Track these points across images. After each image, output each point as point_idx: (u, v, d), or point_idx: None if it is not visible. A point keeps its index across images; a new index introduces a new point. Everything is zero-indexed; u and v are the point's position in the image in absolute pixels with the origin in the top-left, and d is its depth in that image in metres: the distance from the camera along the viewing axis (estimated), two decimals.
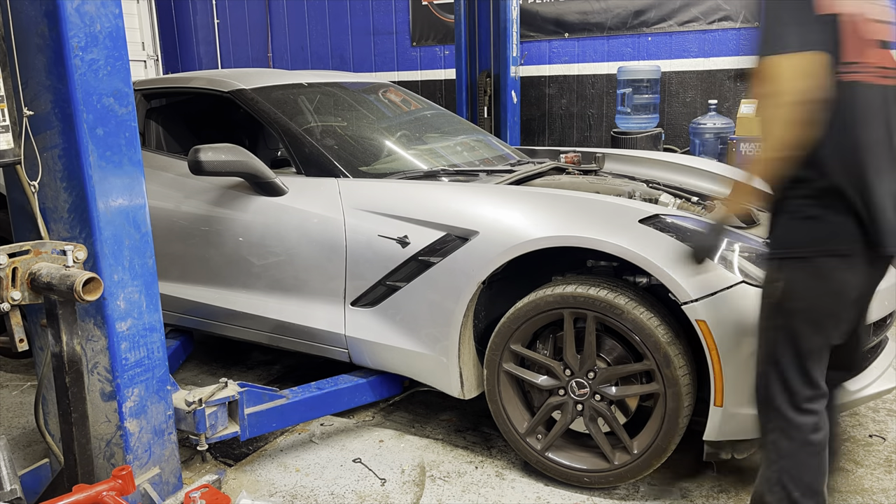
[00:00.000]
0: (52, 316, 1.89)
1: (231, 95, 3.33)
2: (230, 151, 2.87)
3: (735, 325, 2.18)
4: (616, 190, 2.90)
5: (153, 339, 2.20)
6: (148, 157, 3.33)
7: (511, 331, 2.52)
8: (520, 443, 2.59)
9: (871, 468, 2.62)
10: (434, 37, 7.11)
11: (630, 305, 2.31)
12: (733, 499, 2.47)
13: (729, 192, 1.95)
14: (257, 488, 2.61)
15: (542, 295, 2.45)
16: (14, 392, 3.47)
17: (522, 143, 6.46)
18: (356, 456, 2.80)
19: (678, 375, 2.27)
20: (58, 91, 1.93)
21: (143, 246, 2.14)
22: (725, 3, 5.78)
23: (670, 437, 2.33)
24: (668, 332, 2.29)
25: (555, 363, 2.49)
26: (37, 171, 2.00)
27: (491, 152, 3.64)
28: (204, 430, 2.41)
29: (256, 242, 3.00)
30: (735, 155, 5.22)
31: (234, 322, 3.17)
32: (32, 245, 1.88)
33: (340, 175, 2.96)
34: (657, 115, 5.84)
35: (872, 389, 2.45)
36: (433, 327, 2.65)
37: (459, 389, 2.67)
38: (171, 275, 3.27)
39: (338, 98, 3.67)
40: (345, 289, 2.83)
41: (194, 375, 3.64)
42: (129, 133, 2.07)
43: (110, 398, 2.12)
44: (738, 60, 5.82)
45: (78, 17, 1.91)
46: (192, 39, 8.57)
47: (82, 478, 1.98)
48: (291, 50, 7.96)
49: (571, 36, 6.45)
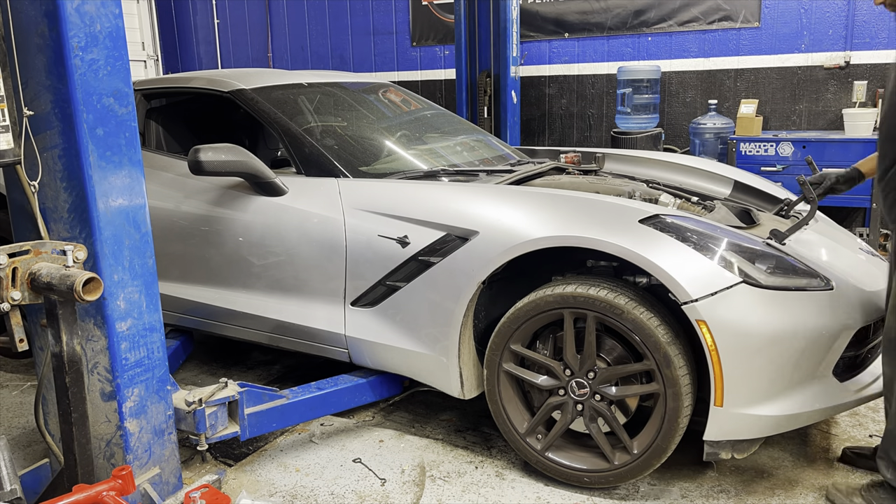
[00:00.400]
0: (52, 316, 1.89)
1: (231, 95, 3.33)
2: (230, 151, 2.87)
3: (735, 324, 2.18)
4: (616, 190, 2.90)
5: (153, 339, 2.20)
6: (148, 157, 3.33)
7: (511, 331, 2.52)
8: (520, 443, 2.59)
9: (871, 468, 2.61)
10: (434, 37, 7.11)
11: (630, 305, 2.31)
12: (733, 499, 2.47)
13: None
14: (257, 488, 2.61)
15: (542, 295, 2.45)
16: (14, 392, 3.47)
17: (522, 143, 6.46)
18: (356, 456, 2.80)
19: (678, 375, 2.27)
20: (58, 91, 1.93)
21: (143, 246, 2.14)
22: (725, 3, 5.78)
23: (670, 438, 2.33)
24: (669, 332, 2.29)
25: (555, 363, 2.49)
26: (37, 171, 2.00)
27: (491, 152, 3.64)
28: (204, 430, 2.41)
29: (256, 242, 3.00)
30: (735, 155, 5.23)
31: (234, 322, 3.17)
32: (32, 245, 1.88)
33: (340, 175, 2.96)
34: (657, 115, 5.84)
35: (872, 389, 2.45)
36: (433, 327, 2.65)
37: (459, 389, 2.67)
38: (171, 275, 3.27)
39: (338, 98, 3.67)
40: (345, 289, 2.83)
41: (194, 375, 3.64)
42: (129, 133, 2.07)
43: (110, 398, 2.12)
44: (738, 60, 5.83)
45: (78, 17, 1.91)
46: (192, 39, 8.57)
47: (82, 478, 1.98)
48: (291, 50, 7.96)
49: (571, 36, 6.45)
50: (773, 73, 5.73)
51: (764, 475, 2.60)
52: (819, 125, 5.64)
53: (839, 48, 5.48)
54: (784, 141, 5.11)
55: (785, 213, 3.03)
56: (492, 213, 2.56)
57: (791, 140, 5.09)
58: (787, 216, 3.02)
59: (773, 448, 2.77)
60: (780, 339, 2.21)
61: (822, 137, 5.08)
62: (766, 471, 2.63)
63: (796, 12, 5.58)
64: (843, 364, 2.43)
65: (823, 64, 5.54)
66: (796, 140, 5.08)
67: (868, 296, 2.43)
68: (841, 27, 5.45)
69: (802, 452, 2.75)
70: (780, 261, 2.36)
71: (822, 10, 5.50)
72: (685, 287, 2.20)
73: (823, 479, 2.56)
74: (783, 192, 3.34)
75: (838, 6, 5.44)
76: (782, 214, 3.02)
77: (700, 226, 2.41)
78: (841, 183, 2.66)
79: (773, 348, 2.21)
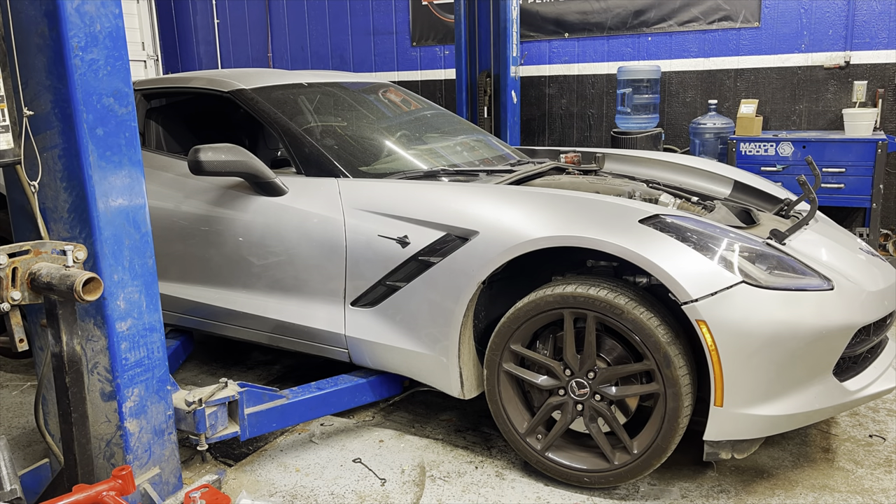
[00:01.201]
0: (52, 316, 1.89)
1: (231, 95, 3.33)
2: (230, 151, 2.87)
3: (735, 324, 2.18)
4: (616, 190, 2.90)
5: (153, 339, 2.20)
6: (148, 157, 3.33)
7: (511, 331, 2.52)
8: (520, 443, 2.59)
9: (871, 468, 2.62)
10: (434, 37, 7.10)
11: (630, 305, 2.31)
12: (733, 499, 2.47)
13: None
14: (257, 488, 2.61)
15: (542, 295, 2.45)
16: (14, 392, 3.47)
17: (522, 143, 6.45)
18: (356, 456, 2.80)
19: (678, 375, 2.27)
20: (58, 91, 1.93)
21: (143, 246, 2.14)
22: (725, 3, 5.78)
23: (670, 437, 2.33)
24: (668, 332, 2.29)
25: (555, 363, 2.49)
26: (37, 171, 2.00)
27: (491, 152, 3.64)
28: (204, 430, 2.41)
29: (256, 242, 3.00)
30: (735, 155, 5.23)
31: (234, 322, 3.17)
32: (32, 245, 1.88)
33: (340, 175, 2.96)
34: (657, 115, 5.84)
35: (872, 389, 2.45)
36: (433, 327, 2.65)
37: (459, 389, 2.67)
38: (171, 275, 3.27)
39: (338, 98, 3.67)
40: (345, 289, 2.83)
41: (194, 375, 3.64)
42: (129, 133, 2.07)
43: (110, 398, 2.12)
44: (738, 60, 5.83)
45: (78, 17, 1.91)
46: (192, 39, 8.57)
47: (82, 478, 1.98)
48: (291, 50, 7.96)
49: (571, 36, 6.45)
50: (773, 73, 5.73)
51: (764, 475, 2.60)
52: (819, 125, 5.64)
53: (839, 48, 5.48)
54: (784, 141, 5.11)
55: (785, 213, 3.03)
56: (492, 213, 2.56)
57: (791, 140, 5.09)
58: (787, 216, 3.02)
59: (773, 448, 2.77)
60: (780, 339, 2.21)
61: (822, 137, 5.08)
62: (766, 471, 2.63)
63: (796, 12, 5.58)
64: (843, 364, 2.43)
65: (823, 64, 5.54)
66: (796, 140, 5.08)
67: (868, 296, 2.43)
68: (841, 27, 5.45)
69: (802, 452, 2.75)
70: (781, 261, 2.36)
71: (822, 10, 5.50)
72: (685, 287, 2.20)
73: (823, 479, 2.56)
74: (783, 192, 3.34)
75: (838, 6, 5.44)
76: (782, 214, 3.03)
77: (700, 226, 2.41)
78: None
79: (773, 348, 2.21)
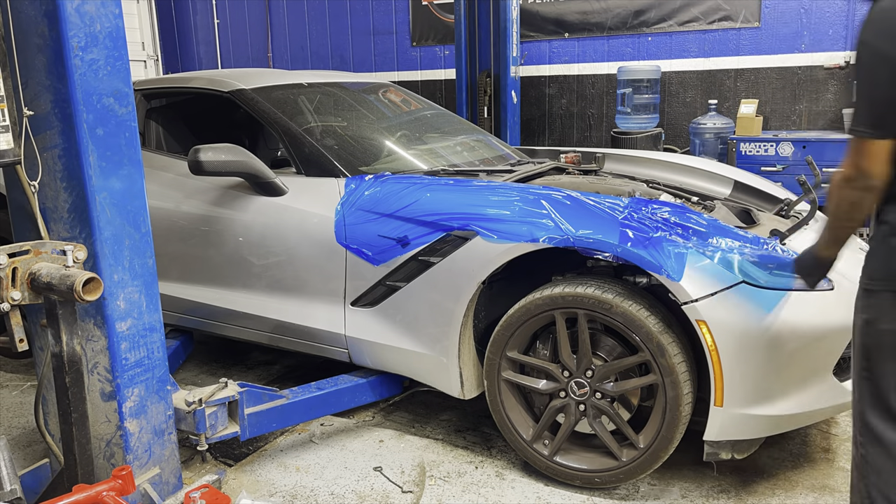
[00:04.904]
0: (52, 316, 1.89)
1: (231, 95, 3.33)
2: (230, 151, 2.87)
3: (735, 324, 2.18)
4: (616, 190, 2.90)
5: (153, 339, 2.20)
6: (148, 157, 3.33)
7: (506, 338, 2.52)
8: (528, 451, 2.58)
9: None
10: (434, 37, 7.10)
11: (618, 299, 2.31)
12: (733, 499, 2.47)
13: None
14: (257, 488, 2.61)
15: (531, 299, 2.45)
16: (14, 392, 3.47)
17: (522, 143, 6.45)
18: (357, 456, 2.80)
19: (674, 364, 2.26)
20: (58, 91, 1.93)
21: (143, 246, 2.14)
22: (725, 3, 5.78)
23: (674, 427, 2.32)
24: (660, 322, 2.29)
25: (552, 366, 2.49)
26: (37, 171, 2.00)
27: (491, 152, 3.64)
28: (204, 430, 2.40)
29: (256, 242, 3.00)
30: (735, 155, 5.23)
31: (234, 322, 3.17)
32: (32, 245, 1.88)
33: (340, 175, 2.96)
34: (657, 115, 5.84)
35: None
36: (433, 327, 2.65)
37: (459, 389, 2.67)
38: (171, 275, 3.27)
39: (338, 98, 3.67)
40: (345, 289, 2.83)
41: (194, 375, 3.64)
42: (129, 133, 2.07)
43: (110, 398, 2.12)
44: (738, 60, 5.83)
45: (78, 17, 1.91)
46: (192, 39, 8.57)
47: (82, 478, 1.98)
48: (291, 50, 7.96)
49: (571, 36, 6.45)
50: (773, 73, 5.73)
51: (764, 475, 2.60)
52: (819, 125, 5.64)
53: (839, 48, 5.48)
54: (784, 141, 5.11)
55: (785, 213, 3.03)
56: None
57: (791, 140, 5.09)
58: (787, 216, 3.01)
59: (773, 448, 2.76)
60: (780, 340, 2.21)
61: (822, 137, 5.08)
62: (766, 471, 2.63)
63: (796, 12, 5.58)
64: (844, 364, 2.42)
65: (823, 64, 5.54)
66: (796, 140, 5.08)
67: None
68: (841, 27, 5.46)
69: (802, 452, 2.75)
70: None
71: (822, 10, 5.50)
72: (685, 287, 2.20)
73: (823, 479, 2.56)
74: (783, 192, 3.34)
75: (838, 6, 5.44)
76: (782, 214, 3.02)
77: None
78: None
79: (772, 348, 2.21)
